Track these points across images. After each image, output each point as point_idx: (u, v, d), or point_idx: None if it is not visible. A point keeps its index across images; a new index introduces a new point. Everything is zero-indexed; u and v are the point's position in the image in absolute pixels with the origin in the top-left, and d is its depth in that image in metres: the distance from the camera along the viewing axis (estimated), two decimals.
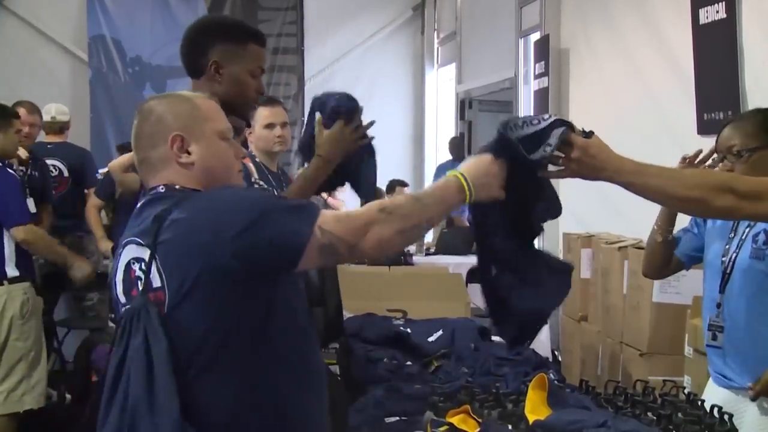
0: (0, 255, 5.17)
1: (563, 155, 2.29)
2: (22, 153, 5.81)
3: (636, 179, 2.47)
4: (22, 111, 5.90)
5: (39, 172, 6.36)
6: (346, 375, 3.17)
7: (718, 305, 3.15)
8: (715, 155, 3.22)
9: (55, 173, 7.27)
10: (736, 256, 3.13)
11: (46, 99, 7.69)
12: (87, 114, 10.08)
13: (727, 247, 3.19)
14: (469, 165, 2.28)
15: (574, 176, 2.41)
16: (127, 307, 2.16)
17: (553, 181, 8.06)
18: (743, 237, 3.13)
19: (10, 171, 5.36)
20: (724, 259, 3.17)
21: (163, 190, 2.18)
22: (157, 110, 2.24)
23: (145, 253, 2.09)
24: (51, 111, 7.41)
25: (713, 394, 3.12)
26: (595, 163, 2.32)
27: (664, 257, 3.47)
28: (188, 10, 10.63)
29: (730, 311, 3.11)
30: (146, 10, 10.60)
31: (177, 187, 2.17)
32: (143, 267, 2.10)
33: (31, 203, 5.54)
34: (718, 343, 3.12)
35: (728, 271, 3.14)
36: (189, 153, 2.18)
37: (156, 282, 2.07)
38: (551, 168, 2.36)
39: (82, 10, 10.35)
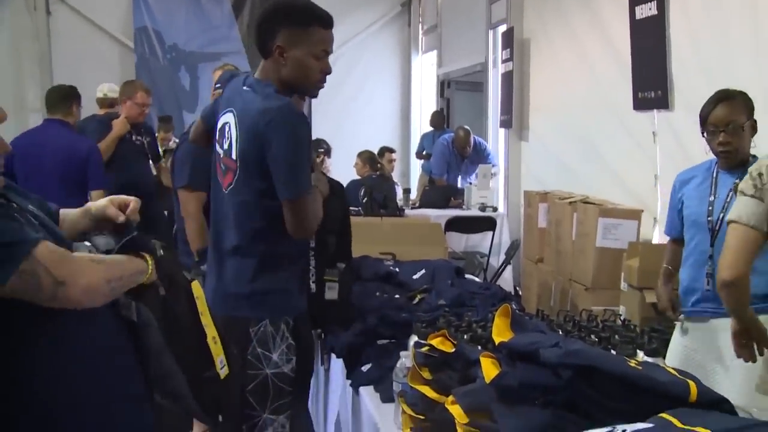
0: None
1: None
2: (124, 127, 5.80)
3: None
4: (142, 93, 5.92)
5: (152, 140, 6.34)
6: (344, 301, 3.11)
7: (710, 257, 3.11)
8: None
9: None
10: (722, 216, 3.08)
11: (99, 80, 7.60)
12: None
13: (710, 208, 3.15)
14: None
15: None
16: None
17: (517, 146, 8.03)
18: (728, 199, 3.09)
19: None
20: (710, 218, 3.14)
21: None
22: None
23: None
24: (104, 89, 7.34)
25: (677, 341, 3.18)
26: None
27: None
28: (215, 5, 10.65)
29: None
30: (181, 5, 10.55)
31: None
32: None
33: (151, 166, 5.57)
34: (710, 288, 3.08)
35: (716, 228, 3.10)
36: None
37: None
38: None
39: (129, 5, 10.31)
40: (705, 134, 3.16)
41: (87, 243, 1.87)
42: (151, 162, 6.05)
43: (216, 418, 2.54)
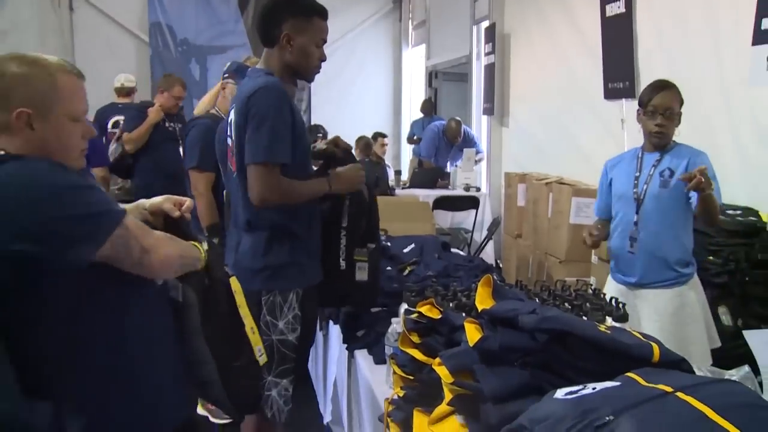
0: None
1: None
2: (158, 115, 5.75)
3: None
4: (179, 88, 5.90)
5: (183, 127, 6.39)
6: (373, 283, 2.92)
7: (635, 223, 3.22)
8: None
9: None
10: (647, 188, 3.20)
11: (117, 70, 7.58)
12: (148, 82, 10.01)
13: (636, 182, 3.25)
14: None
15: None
16: None
17: (498, 132, 8.03)
18: (650, 173, 3.20)
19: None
20: (635, 190, 3.24)
21: None
22: (11, 73, 1.69)
23: None
24: (121, 79, 7.31)
25: (611, 289, 3.30)
26: None
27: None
28: (223, 2, 10.63)
29: (644, 226, 3.20)
30: (191, 2, 10.54)
31: (1, 152, 1.67)
32: None
33: (181, 150, 5.64)
34: (634, 250, 3.23)
35: (641, 199, 3.21)
36: (33, 129, 1.69)
37: None
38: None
39: (144, 2, 10.31)
40: (643, 116, 3.24)
41: None
42: (181, 147, 6.10)
43: (241, 410, 2.50)
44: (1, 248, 1.56)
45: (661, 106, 3.17)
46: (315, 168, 2.92)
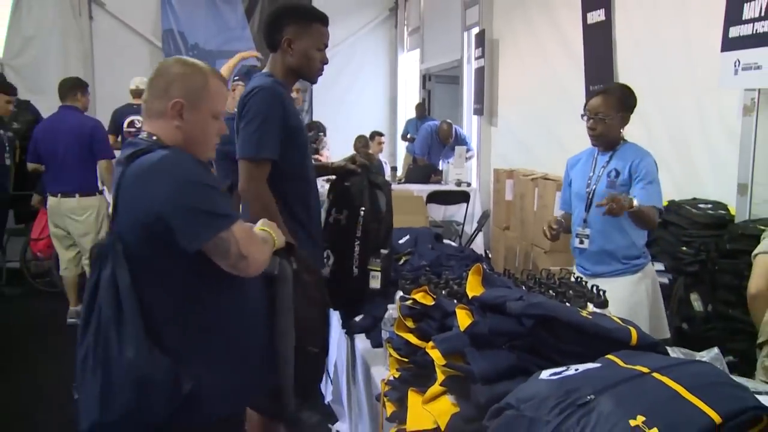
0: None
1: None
2: None
3: None
4: None
5: None
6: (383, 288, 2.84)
7: (584, 221, 3.26)
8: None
9: (139, 125, 7.19)
10: (596, 187, 3.21)
11: (132, 74, 7.58)
12: None
13: (589, 181, 3.26)
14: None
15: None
16: (98, 241, 1.88)
17: (487, 130, 8.00)
18: (600, 174, 3.21)
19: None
20: (587, 189, 3.26)
21: (144, 135, 1.90)
22: (172, 72, 1.90)
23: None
24: (136, 82, 7.31)
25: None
26: None
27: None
28: (231, 10, 10.60)
29: (593, 223, 3.23)
30: (201, 10, 10.51)
31: (154, 138, 1.87)
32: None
33: None
34: (584, 246, 3.27)
35: (590, 197, 3.23)
36: (182, 118, 1.87)
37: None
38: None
39: (157, 11, 10.27)
40: (584, 117, 3.25)
41: None
42: None
43: (299, 401, 2.36)
44: (143, 217, 1.72)
45: (592, 109, 3.18)
46: (316, 165, 2.92)
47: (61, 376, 4.14)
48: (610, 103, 3.15)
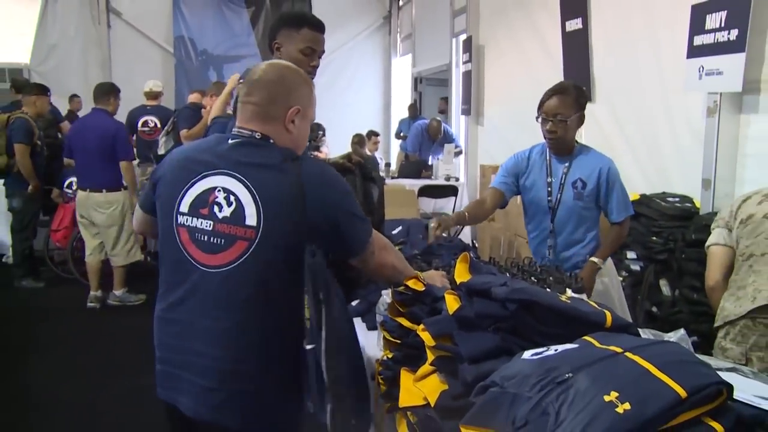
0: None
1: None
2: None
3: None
4: (208, 99, 6.13)
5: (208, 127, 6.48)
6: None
7: (551, 232, 3.00)
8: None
9: (152, 125, 7.18)
10: (560, 197, 2.94)
11: (146, 77, 7.58)
12: (172, 87, 10.03)
13: (549, 190, 2.97)
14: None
15: None
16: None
17: (474, 129, 7.97)
18: (562, 183, 2.93)
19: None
20: (550, 198, 2.97)
21: (259, 137, 1.79)
22: (290, 79, 1.83)
23: (238, 188, 1.73)
24: (149, 84, 7.29)
25: None
26: None
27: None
28: (237, 17, 10.63)
29: (559, 233, 3.00)
30: (209, 18, 10.55)
31: (271, 141, 1.79)
32: (230, 199, 1.74)
33: None
34: (551, 256, 3.00)
35: (555, 208, 2.97)
36: (293, 123, 1.81)
37: (251, 220, 1.71)
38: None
39: (169, 19, 10.32)
40: (539, 120, 2.94)
41: None
42: None
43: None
44: (311, 218, 1.71)
45: (551, 111, 2.87)
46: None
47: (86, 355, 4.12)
48: (568, 103, 2.85)
